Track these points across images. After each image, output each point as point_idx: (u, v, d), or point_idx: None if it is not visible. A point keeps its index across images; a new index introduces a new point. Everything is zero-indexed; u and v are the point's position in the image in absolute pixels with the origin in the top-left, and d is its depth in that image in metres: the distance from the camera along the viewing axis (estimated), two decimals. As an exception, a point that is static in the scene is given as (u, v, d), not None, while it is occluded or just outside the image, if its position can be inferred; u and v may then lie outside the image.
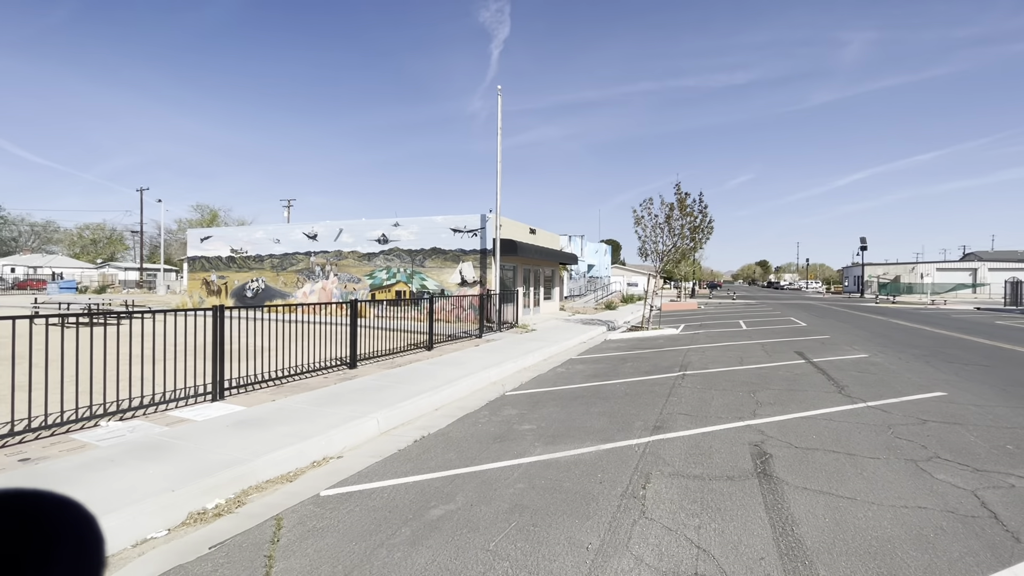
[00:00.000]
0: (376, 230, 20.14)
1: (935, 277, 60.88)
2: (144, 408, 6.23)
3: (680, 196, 16.55)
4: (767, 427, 5.94)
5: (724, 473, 4.56)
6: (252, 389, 7.55)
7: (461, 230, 18.54)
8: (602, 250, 45.22)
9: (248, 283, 23.21)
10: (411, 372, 8.99)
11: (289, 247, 22.16)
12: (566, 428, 6.02)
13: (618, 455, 5.06)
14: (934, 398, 7.34)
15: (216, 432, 5.50)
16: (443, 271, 18.88)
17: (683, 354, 11.94)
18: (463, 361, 10.24)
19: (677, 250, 17.00)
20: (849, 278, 77.37)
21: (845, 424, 6.03)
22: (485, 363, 9.96)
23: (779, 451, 5.11)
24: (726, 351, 12.33)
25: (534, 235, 21.97)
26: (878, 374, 9.16)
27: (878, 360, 10.76)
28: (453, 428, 6.17)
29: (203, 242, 24.49)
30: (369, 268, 20.29)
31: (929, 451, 5.08)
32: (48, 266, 65.94)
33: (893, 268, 67.47)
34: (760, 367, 9.99)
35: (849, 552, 3.25)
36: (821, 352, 11.96)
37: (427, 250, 19.16)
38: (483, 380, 8.77)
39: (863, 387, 8.05)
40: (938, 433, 5.66)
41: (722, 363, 10.54)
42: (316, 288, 21.35)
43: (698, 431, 5.82)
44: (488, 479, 4.49)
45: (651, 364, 10.61)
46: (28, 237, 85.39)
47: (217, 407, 6.56)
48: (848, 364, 10.26)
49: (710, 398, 7.45)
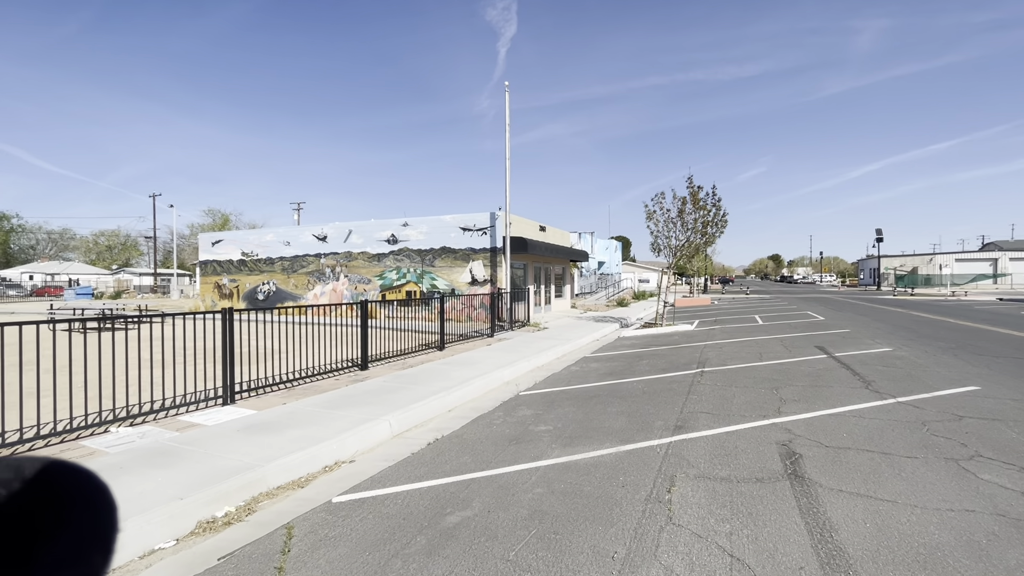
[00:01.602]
0: (385, 230, 20.06)
1: (954, 268, 59.57)
2: (155, 413, 6.15)
3: (693, 189, 16.24)
4: (794, 425, 5.70)
5: (753, 475, 4.34)
6: (263, 392, 7.46)
7: (470, 229, 18.40)
8: (612, 247, 44.84)
9: (259, 286, 23.28)
10: (423, 373, 8.85)
11: (299, 249, 22.18)
12: (583, 429, 5.83)
13: (640, 456, 4.87)
14: (967, 393, 7.03)
15: (226, 437, 5.39)
16: (453, 270, 18.75)
17: (700, 350, 11.68)
18: (475, 361, 10.09)
19: (691, 245, 16.69)
20: (864, 271, 76.04)
21: (876, 421, 5.77)
22: (498, 363, 9.79)
23: (809, 451, 4.88)
24: (744, 347, 12.04)
25: (544, 232, 21.77)
26: (905, 368, 8.84)
27: (903, 354, 10.42)
28: (467, 430, 6.01)
29: (214, 246, 24.62)
30: (379, 269, 20.23)
31: (970, 449, 4.81)
32: (65, 273, 66.99)
33: (910, 260, 66.17)
34: (781, 363, 9.71)
35: (896, 561, 3.03)
36: (842, 346, 11.63)
37: (437, 249, 19.04)
38: (496, 380, 8.60)
39: (891, 382, 7.75)
40: (977, 430, 5.39)
41: (741, 359, 10.27)
42: (327, 290, 21.34)
43: (721, 430, 5.59)
44: (505, 484, 4.32)
45: (668, 361, 10.37)
46: (46, 245, 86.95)
47: (228, 411, 6.47)
48: (872, 359, 9.94)
49: (731, 395, 7.21)
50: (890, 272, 63.61)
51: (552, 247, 20.94)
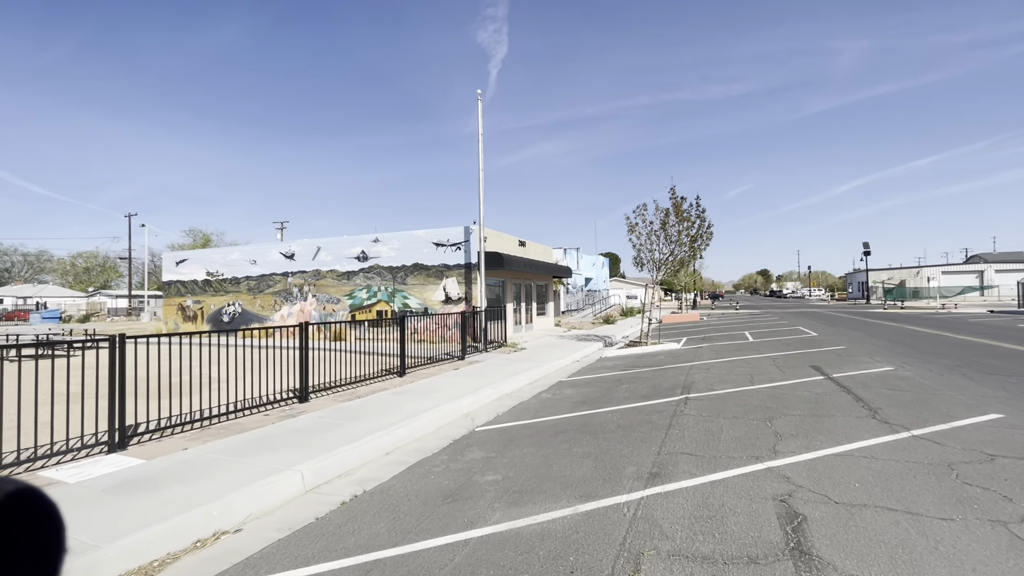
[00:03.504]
0: (355, 247, 19.00)
1: (941, 281, 59.57)
2: (12, 467, 4.99)
3: (676, 200, 15.44)
4: (793, 471, 4.68)
5: (744, 551, 3.30)
6: (169, 434, 6.30)
7: (444, 244, 17.40)
8: (600, 263, 44.08)
9: (224, 307, 22.01)
10: (369, 405, 7.74)
11: (266, 268, 21.00)
12: (539, 479, 4.76)
13: (601, 522, 3.80)
14: (990, 422, 6.06)
15: (82, 501, 4.25)
16: (426, 288, 17.68)
17: (686, 372, 10.67)
18: (435, 389, 9.00)
19: (675, 259, 15.82)
20: (853, 284, 76.02)
21: (892, 464, 4.76)
22: (459, 391, 8.71)
23: (814, 510, 3.84)
24: (733, 368, 11.06)
25: (524, 248, 20.84)
26: (913, 392, 7.88)
27: (907, 374, 9.48)
28: (398, 481, 4.91)
29: (179, 265, 23.35)
30: (349, 287, 19.10)
31: (1017, 505, 3.81)
32: (38, 296, 64.88)
33: (897, 273, 66.16)
34: (774, 386, 8.73)
35: None
36: (840, 366, 10.69)
37: (409, 266, 17.99)
38: (453, 412, 7.52)
39: (900, 409, 6.77)
40: (1017, 475, 4.39)
41: (730, 382, 9.28)
42: (294, 310, 20.14)
43: (706, 479, 4.55)
44: (416, 570, 3.24)
45: (649, 386, 9.34)
46: (22, 267, 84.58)
47: (109, 461, 5.31)
48: (874, 380, 8.99)
49: (718, 429, 6.18)
50: (878, 285, 63.42)
51: (532, 263, 20.00)
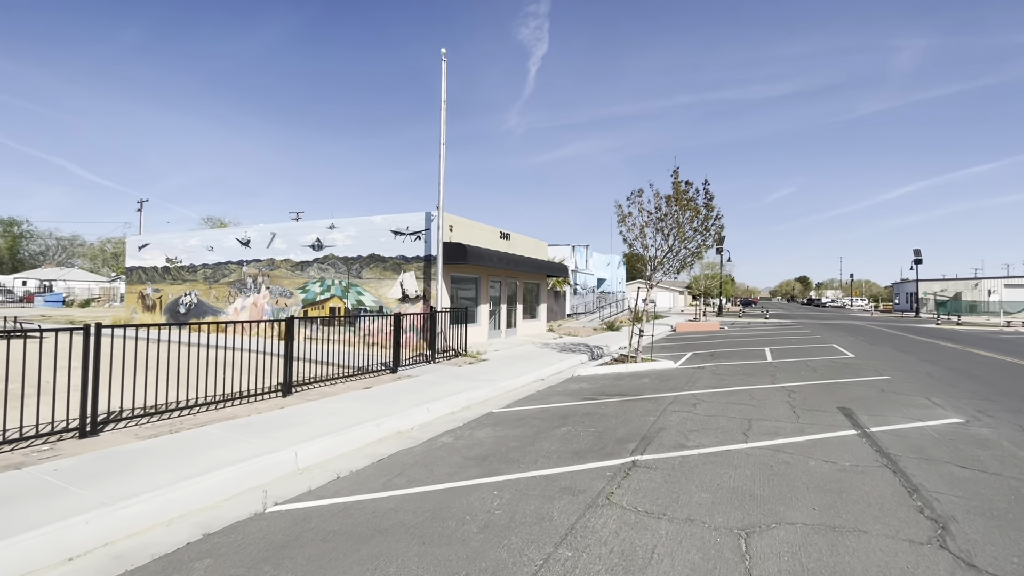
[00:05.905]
0: (310, 234, 16.69)
1: (1003, 294, 53.48)
2: None
3: (677, 184, 12.46)
4: None
5: None
6: None
7: (403, 232, 14.86)
8: (614, 262, 40.85)
9: (181, 297, 20.14)
10: (158, 448, 5.25)
11: (222, 255, 18.97)
12: None
13: None
14: None
15: None
16: (382, 283, 15.21)
17: (662, 409, 7.82)
18: (291, 423, 6.46)
19: (675, 255, 12.84)
20: (900, 295, 69.86)
21: None
22: (319, 429, 6.15)
23: None
24: (730, 405, 8.13)
25: (507, 240, 18.14)
26: (1005, 473, 4.86)
27: (986, 433, 6.39)
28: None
29: (140, 250, 21.63)
30: (303, 280, 16.83)
31: None
32: (62, 279, 66.08)
33: (952, 284, 60.08)
34: (777, 447, 5.83)
35: None
36: (881, 411, 7.63)
37: (365, 257, 15.54)
38: (257, 475, 4.95)
39: (986, 521, 3.83)
40: None
41: (713, 433, 6.41)
42: (247, 303, 18.03)
43: None
44: None
45: (598, 432, 6.56)
46: (55, 251, 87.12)
47: None
48: (934, 441, 5.96)
49: (647, 556, 3.40)
50: (929, 297, 57.71)
51: (516, 259, 17.28)
